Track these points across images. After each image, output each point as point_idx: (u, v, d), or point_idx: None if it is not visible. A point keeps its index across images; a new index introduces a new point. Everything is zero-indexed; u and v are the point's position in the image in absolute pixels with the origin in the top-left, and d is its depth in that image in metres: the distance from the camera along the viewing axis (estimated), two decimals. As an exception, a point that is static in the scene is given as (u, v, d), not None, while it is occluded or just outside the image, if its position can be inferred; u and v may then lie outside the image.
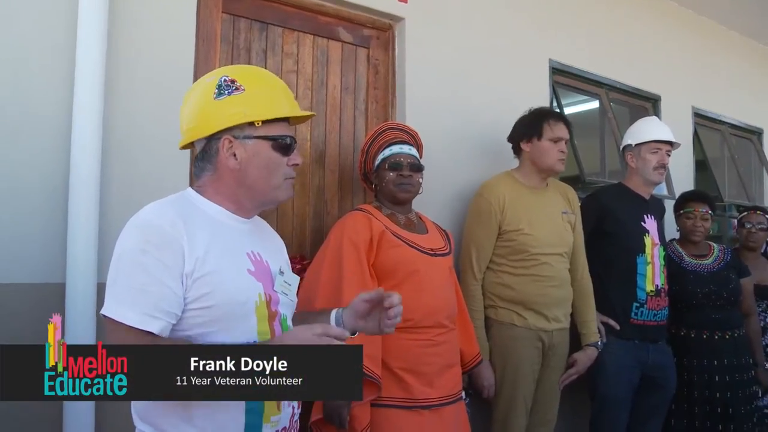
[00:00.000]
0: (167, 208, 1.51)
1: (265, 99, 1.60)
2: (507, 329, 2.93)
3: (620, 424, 3.25)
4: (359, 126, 3.04)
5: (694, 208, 3.69)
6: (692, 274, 3.56)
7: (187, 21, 2.49)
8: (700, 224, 3.65)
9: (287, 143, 1.61)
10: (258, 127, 1.58)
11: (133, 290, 1.42)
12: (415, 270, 2.50)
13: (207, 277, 1.46)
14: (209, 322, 1.47)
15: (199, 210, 1.57)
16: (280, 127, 1.62)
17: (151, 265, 1.42)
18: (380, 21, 3.11)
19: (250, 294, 1.53)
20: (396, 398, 2.42)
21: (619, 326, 3.23)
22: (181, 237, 1.45)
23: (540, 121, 3.05)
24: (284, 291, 1.64)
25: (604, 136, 4.45)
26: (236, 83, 1.60)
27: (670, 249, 3.63)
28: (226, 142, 1.58)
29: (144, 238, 1.45)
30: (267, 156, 1.59)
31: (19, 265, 2.08)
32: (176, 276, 1.44)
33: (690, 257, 3.63)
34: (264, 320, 1.55)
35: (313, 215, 2.88)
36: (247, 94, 1.58)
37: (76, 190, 2.14)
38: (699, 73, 5.02)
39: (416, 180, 2.63)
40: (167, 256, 1.43)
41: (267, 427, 1.51)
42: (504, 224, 2.96)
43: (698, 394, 3.44)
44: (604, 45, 4.21)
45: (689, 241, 3.69)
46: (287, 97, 1.65)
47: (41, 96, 2.16)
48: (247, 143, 1.58)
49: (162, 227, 1.46)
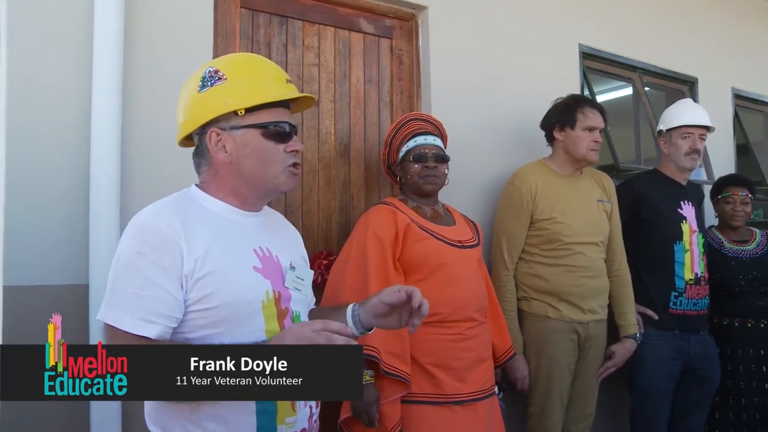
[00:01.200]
0: (166, 208, 1.48)
1: (249, 86, 1.53)
2: (541, 322, 2.88)
3: (661, 418, 3.16)
4: (384, 118, 3.00)
5: (732, 192, 3.57)
6: (734, 260, 3.44)
7: (205, 17, 2.47)
8: (740, 209, 3.54)
9: (281, 130, 1.55)
10: (244, 116, 1.52)
11: (128, 294, 1.39)
12: (442, 263, 2.45)
13: (209, 277, 1.43)
14: (214, 323, 1.44)
15: (201, 207, 1.54)
16: (273, 113, 1.55)
17: (147, 268, 1.39)
18: (402, 10, 3.06)
19: (257, 293, 1.49)
20: (427, 394, 2.39)
21: (657, 316, 3.15)
22: (180, 237, 1.42)
23: (574, 109, 2.97)
24: (296, 287, 1.60)
25: (639, 122, 4.33)
26: (219, 73, 1.55)
27: (710, 236, 3.52)
28: (213, 134, 1.54)
29: (140, 240, 1.42)
30: (258, 145, 1.53)
31: (44, 268, 2.09)
32: (175, 278, 1.40)
33: (730, 243, 3.52)
34: (273, 319, 1.50)
35: (339, 210, 2.84)
36: (228, 83, 1.53)
37: (96, 192, 2.14)
38: (738, 52, 4.84)
39: (442, 171, 2.57)
40: (164, 257, 1.40)
41: (282, 428, 1.47)
42: (536, 213, 2.90)
43: (744, 385, 3.34)
44: (635, 26, 4.09)
45: (729, 227, 3.57)
46: (276, 81, 1.57)
47: (59, 100, 2.16)
48: (235, 134, 1.53)
49: (159, 228, 1.42)
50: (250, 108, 1.52)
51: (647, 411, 3.15)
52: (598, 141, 2.97)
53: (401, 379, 2.32)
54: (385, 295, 1.55)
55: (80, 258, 2.13)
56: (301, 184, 2.73)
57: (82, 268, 2.12)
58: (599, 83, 4.16)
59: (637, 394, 3.18)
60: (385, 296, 1.55)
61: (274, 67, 1.62)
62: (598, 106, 3.05)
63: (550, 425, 2.86)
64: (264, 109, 1.54)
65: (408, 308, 1.54)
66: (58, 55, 2.17)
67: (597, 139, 2.96)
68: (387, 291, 1.55)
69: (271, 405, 1.46)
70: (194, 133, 1.58)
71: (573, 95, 3.10)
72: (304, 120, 2.75)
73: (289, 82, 1.59)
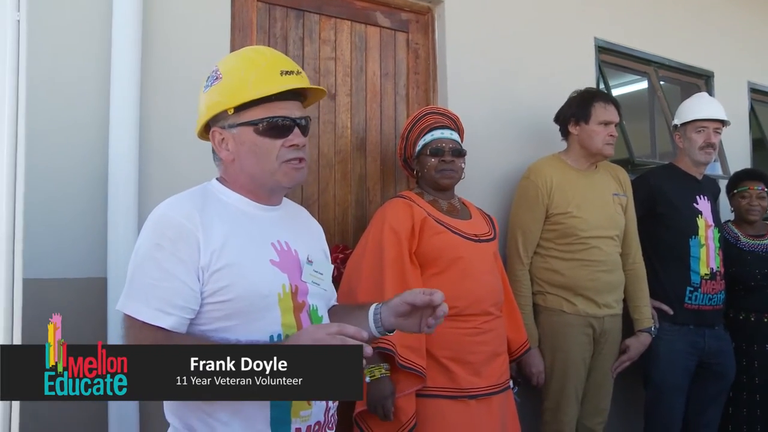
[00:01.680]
0: (184, 201, 1.50)
1: (238, 83, 1.52)
2: (556, 316, 2.88)
3: (676, 413, 3.16)
4: (400, 112, 3.00)
5: (748, 186, 3.56)
6: (750, 254, 3.43)
7: (222, 11, 2.47)
8: (756, 203, 3.52)
9: (276, 125, 1.52)
10: (236, 115, 1.52)
11: (146, 286, 1.41)
12: (458, 257, 2.46)
13: (225, 269, 1.43)
14: (229, 316, 1.44)
15: (219, 201, 1.55)
16: (267, 109, 1.52)
17: (165, 259, 1.41)
18: (419, 4, 3.06)
19: (273, 286, 1.49)
20: (442, 388, 2.39)
21: (672, 311, 3.14)
22: (197, 229, 1.43)
23: (589, 103, 2.96)
24: (314, 281, 1.59)
25: (654, 117, 4.31)
26: (217, 72, 1.57)
27: (726, 230, 3.51)
28: (216, 133, 1.56)
29: (159, 232, 1.44)
30: (252, 142, 1.52)
31: (63, 262, 2.11)
32: (191, 270, 1.42)
33: (747, 238, 3.51)
34: (289, 312, 1.50)
35: (355, 204, 2.85)
36: (222, 82, 1.55)
37: (115, 188, 2.16)
38: (754, 46, 4.80)
39: (458, 165, 2.57)
40: (182, 250, 1.42)
41: (296, 421, 1.47)
42: (551, 207, 2.89)
43: (760, 381, 3.33)
44: (651, 20, 4.06)
45: (745, 222, 3.56)
46: (267, 75, 1.53)
47: (78, 98, 2.18)
48: (234, 132, 1.54)
49: (177, 220, 1.44)
50: (242, 105, 1.51)
51: (662, 406, 3.14)
52: (613, 135, 2.96)
53: (417, 372, 2.33)
54: (408, 295, 1.54)
55: (99, 252, 2.15)
56: (318, 178, 2.74)
57: (100, 261, 2.14)
58: (615, 77, 4.14)
59: (651, 388, 3.18)
60: (408, 296, 1.53)
61: (271, 59, 1.59)
62: (613, 100, 3.03)
63: (565, 420, 2.86)
64: (259, 105, 1.52)
65: (429, 312, 1.53)
66: (76, 54, 2.18)
67: (612, 133, 2.95)
68: (411, 292, 1.54)
69: None
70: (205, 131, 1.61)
71: (588, 89, 3.09)
72: (321, 114, 2.76)
73: (287, 74, 1.55)
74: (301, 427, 1.48)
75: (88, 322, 2.11)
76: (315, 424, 1.52)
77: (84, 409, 2.09)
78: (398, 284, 2.34)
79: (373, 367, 2.33)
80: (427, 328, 1.54)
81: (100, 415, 2.10)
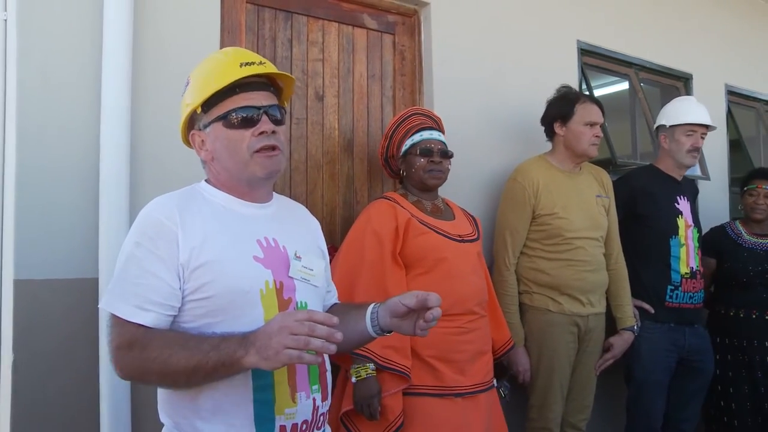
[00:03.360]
0: (167, 201, 1.53)
1: (202, 82, 1.57)
2: (542, 315, 2.91)
3: (657, 409, 3.21)
4: (387, 113, 3.02)
5: (757, 184, 3.61)
6: (747, 251, 3.49)
7: (212, 12, 2.48)
8: (762, 202, 3.57)
9: (243, 116, 1.54)
10: (205, 113, 1.56)
11: (126, 283, 1.44)
12: (443, 257, 2.48)
13: (205, 266, 1.45)
14: (212, 313, 1.46)
15: (205, 199, 1.57)
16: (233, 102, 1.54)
17: (144, 257, 1.44)
18: (405, 6, 3.08)
19: (254, 282, 1.49)
20: (428, 386, 2.41)
21: (653, 310, 3.20)
22: (176, 227, 1.45)
23: (573, 104, 3.00)
24: (303, 277, 1.59)
25: (635, 118, 4.37)
26: (188, 79, 1.63)
27: (730, 227, 3.58)
28: (195, 136, 1.61)
29: (140, 231, 1.47)
30: (224, 136, 1.55)
31: (53, 261, 2.10)
32: (171, 268, 1.44)
33: (750, 235, 3.56)
34: (273, 309, 1.50)
35: (343, 204, 2.86)
36: (191, 85, 1.61)
37: (106, 188, 2.15)
38: (732, 50, 4.89)
39: (446, 167, 2.60)
40: (161, 248, 1.44)
41: (281, 419, 1.48)
42: (538, 208, 2.92)
43: (744, 373, 3.39)
44: (632, 24, 4.12)
45: (751, 220, 3.61)
46: (228, 68, 1.55)
47: (69, 97, 2.17)
48: (207, 131, 1.58)
49: (157, 219, 1.47)
50: (208, 103, 1.55)
51: (643, 402, 3.19)
52: (599, 136, 3.00)
53: (399, 372, 2.34)
54: (405, 297, 1.53)
55: (90, 252, 2.14)
56: (306, 179, 2.75)
57: (91, 262, 2.13)
58: (596, 78, 4.20)
59: (633, 385, 3.23)
60: (404, 298, 1.53)
61: (233, 55, 1.61)
62: (596, 100, 3.07)
63: (551, 416, 2.89)
64: (224, 99, 1.54)
65: (423, 315, 1.53)
66: (67, 54, 2.17)
67: (598, 134, 2.99)
68: (407, 293, 1.55)
69: (269, 395, 1.46)
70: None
71: (569, 90, 3.12)
72: (309, 115, 2.77)
73: (247, 65, 1.56)
74: (286, 425, 1.48)
75: (80, 322, 2.11)
76: (302, 423, 1.51)
77: (76, 410, 2.09)
78: (373, 287, 2.36)
79: (359, 367, 2.35)
80: (420, 331, 1.54)
81: (92, 416, 2.10)
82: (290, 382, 1.50)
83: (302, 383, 1.52)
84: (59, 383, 2.07)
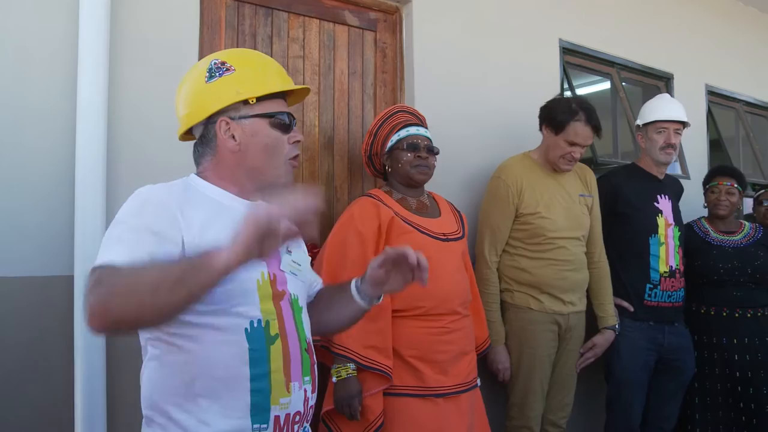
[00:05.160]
0: (164, 187, 1.51)
1: (257, 76, 1.58)
2: (523, 313, 2.91)
3: (636, 407, 3.23)
4: (368, 110, 3.01)
5: (718, 181, 3.63)
6: (716, 249, 3.50)
7: (191, 8, 2.45)
8: (724, 198, 3.59)
9: (284, 120, 1.59)
10: (253, 105, 1.56)
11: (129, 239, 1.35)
12: (426, 257, 2.45)
13: None
14: (208, 301, 1.41)
15: (199, 193, 1.55)
16: (277, 105, 1.60)
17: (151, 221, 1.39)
18: (387, 3, 3.07)
19: (251, 273, 1.49)
20: (410, 387, 2.41)
21: (633, 308, 3.21)
22: (178, 212, 1.43)
23: (568, 119, 2.91)
24: (293, 270, 1.61)
25: (617, 117, 4.39)
26: (227, 64, 1.58)
27: (697, 225, 3.60)
28: (222, 123, 1.56)
29: (140, 206, 1.43)
30: (266, 134, 1.57)
31: (27, 259, 2.07)
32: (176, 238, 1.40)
33: (717, 233, 3.57)
34: (268, 299, 1.51)
35: (323, 202, 2.85)
36: (238, 74, 1.57)
37: (82, 182, 2.13)
38: (712, 50, 4.93)
39: (432, 163, 2.60)
40: (164, 224, 1.40)
41: (276, 408, 1.48)
42: (521, 207, 2.92)
43: (718, 371, 3.40)
44: (614, 23, 4.14)
45: (716, 217, 3.63)
46: (279, 74, 1.63)
47: (44, 88, 2.14)
48: (244, 123, 1.56)
49: (161, 199, 1.44)
50: (259, 98, 1.56)
51: (623, 400, 3.21)
52: (575, 156, 2.94)
53: (381, 372, 2.34)
54: (375, 260, 1.61)
55: (66, 249, 2.11)
56: (286, 176, 2.73)
57: (67, 259, 2.11)
58: (578, 77, 4.21)
59: (613, 383, 3.24)
60: (375, 261, 1.61)
61: (274, 61, 1.67)
62: (593, 122, 2.95)
63: (531, 415, 2.90)
64: (269, 100, 1.58)
65: (408, 266, 1.58)
66: (43, 49, 2.15)
67: (575, 153, 2.93)
68: (376, 258, 1.62)
69: (265, 385, 1.46)
70: (199, 124, 1.60)
71: (578, 100, 2.99)
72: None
73: (289, 76, 1.65)
74: (280, 415, 1.48)
75: (56, 320, 2.08)
76: (295, 414, 1.52)
77: (51, 407, 2.07)
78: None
79: (340, 367, 2.34)
80: (422, 282, 1.59)
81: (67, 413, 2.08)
82: (285, 371, 1.50)
83: (296, 373, 1.52)
84: (33, 379, 2.05)
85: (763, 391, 3.35)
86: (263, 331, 1.48)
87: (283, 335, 1.51)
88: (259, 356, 1.46)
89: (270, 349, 1.48)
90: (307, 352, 1.57)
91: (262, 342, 1.47)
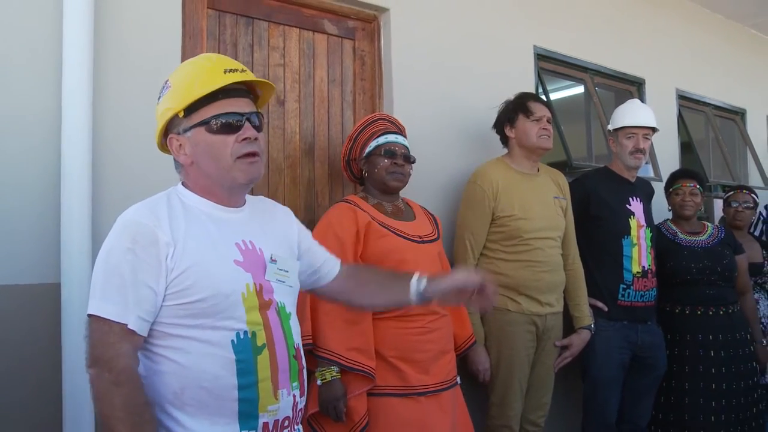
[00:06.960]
0: (151, 206, 1.54)
1: (185, 86, 1.57)
2: (501, 314, 2.95)
3: (612, 404, 3.29)
4: (347, 118, 3.06)
5: (681, 183, 3.71)
6: (686, 249, 3.57)
7: (173, 18, 2.48)
8: (689, 199, 3.67)
9: (226, 122, 1.56)
10: (187, 117, 1.56)
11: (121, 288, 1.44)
12: (403, 259, 2.51)
13: (189, 270, 1.47)
14: (193, 315, 1.48)
15: (184, 204, 1.58)
16: (216, 107, 1.56)
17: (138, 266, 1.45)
18: (365, 12, 3.12)
19: (236, 285, 1.52)
20: (392, 386, 2.45)
21: (607, 308, 3.27)
22: (163, 234, 1.47)
23: (517, 105, 3.08)
24: (279, 278, 1.63)
25: (590, 121, 4.48)
26: (168, 82, 1.62)
27: (664, 227, 3.68)
28: (173, 140, 1.60)
29: (130, 237, 1.47)
30: (206, 141, 1.56)
31: (13, 267, 2.08)
32: (161, 275, 1.46)
33: (684, 234, 3.65)
34: (254, 310, 1.54)
35: (304, 208, 2.89)
36: (172, 89, 1.60)
37: (68, 189, 2.15)
38: (683, 56, 5.05)
39: (407, 171, 2.65)
40: (152, 255, 1.45)
41: (264, 416, 1.51)
42: (497, 210, 2.97)
43: (691, 369, 3.45)
44: (587, 30, 4.24)
45: (681, 218, 3.71)
46: (211, 74, 1.57)
47: (29, 96, 2.16)
48: (188, 135, 1.58)
49: (148, 228, 1.48)
50: (190, 107, 1.55)
51: (599, 398, 3.27)
52: (546, 128, 3.06)
53: (366, 374, 2.38)
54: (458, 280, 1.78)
55: (52, 257, 2.13)
56: (267, 183, 2.77)
57: (54, 267, 2.13)
58: (552, 82, 4.29)
59: (589, 382, 3.30)
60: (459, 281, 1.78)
61: (216, 61, 1.63)
62: (540, 99, 3.17)
63: (511, 414, 2.95)
64: (207, 105, 1.56)
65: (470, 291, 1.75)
66: (27, 58, 2.17)
67: (545, 127, 3.06)
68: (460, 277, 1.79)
69: (253, 394, 1.49)
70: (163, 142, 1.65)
71: (513, 98, 3.18)
72: (270, 119, 2.79)
73: (231, 72, 1.58)
74: (269, 422, 1.52)
75: (43, 328, 2.10)
76: (284, 419, 1.55)
77: (38, 416, 2.08)
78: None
79: (324, 370, 2.38)
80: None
81: (55, 422, 2.10)
82: (273, 379, 1.53)
83: (284, 381, 1.55)
84: (21, 387, 2.05)
85: (738, 386, 3.42)
86: (250, 343, 1.51)
87: (271, 344, 1.54)
88: (246, 367, 1.49)
89: (257, 359, 1.51)
90: (295, 359, 1.60)
91: (248, 353, 1.50)
